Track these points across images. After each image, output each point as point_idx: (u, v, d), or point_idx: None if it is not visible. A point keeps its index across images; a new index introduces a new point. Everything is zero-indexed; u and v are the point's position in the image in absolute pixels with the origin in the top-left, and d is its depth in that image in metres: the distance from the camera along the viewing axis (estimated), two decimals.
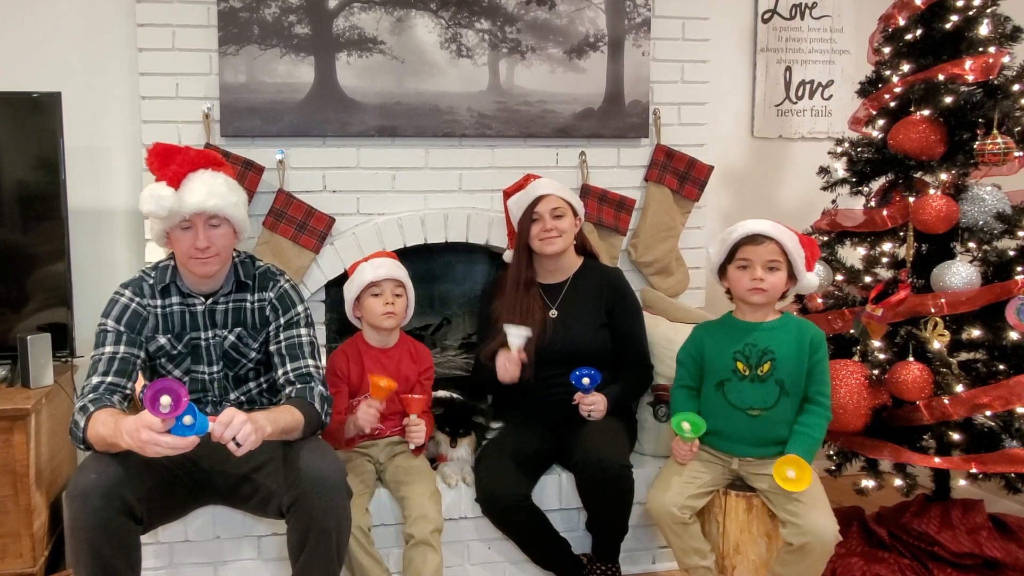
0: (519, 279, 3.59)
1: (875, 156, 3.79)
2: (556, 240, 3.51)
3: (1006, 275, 3.49)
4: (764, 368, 3.17)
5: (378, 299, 3.44)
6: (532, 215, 3.54)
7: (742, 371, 3.21)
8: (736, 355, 3.22)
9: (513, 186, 3.74)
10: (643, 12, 4.11)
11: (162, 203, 2.82)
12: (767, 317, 3.26)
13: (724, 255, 3.25)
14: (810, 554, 3.00)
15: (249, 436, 2.56)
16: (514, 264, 3.63)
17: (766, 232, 3.16)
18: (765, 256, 3.15)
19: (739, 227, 3.22)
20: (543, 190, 3.56)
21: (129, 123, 4.01)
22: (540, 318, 3.54)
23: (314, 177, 3.92)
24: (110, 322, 2.95)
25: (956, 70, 3.57)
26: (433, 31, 3.93)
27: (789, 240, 3.17)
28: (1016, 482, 3.55)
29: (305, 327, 3.12)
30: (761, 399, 3.18)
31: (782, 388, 3.17)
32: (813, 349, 3.19)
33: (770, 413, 3.18)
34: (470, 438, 3.57)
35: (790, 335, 3.20)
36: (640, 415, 3.79)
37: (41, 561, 3.47)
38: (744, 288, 3.19)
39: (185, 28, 3.76)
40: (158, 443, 2.45)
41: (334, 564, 2.84)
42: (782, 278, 3.18)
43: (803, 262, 3.20)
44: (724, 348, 3.26)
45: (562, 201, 3.55)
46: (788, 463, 3.01)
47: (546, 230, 3.51)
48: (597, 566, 3.45)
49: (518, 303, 3.55)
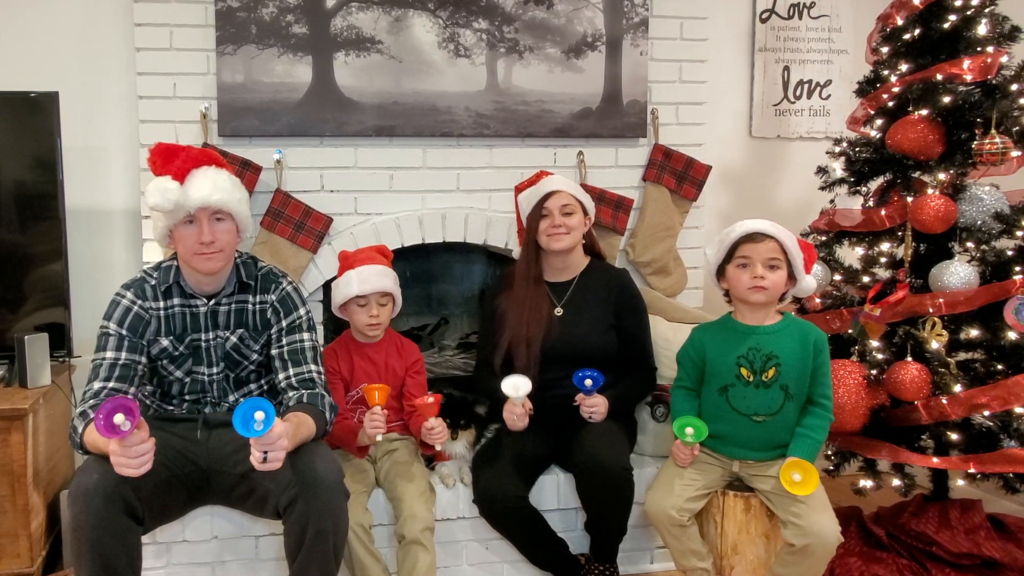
0: (527, 275, 3.58)
1: (873, 156, 3.79)
2: (564, 237, 3.50)
3: (1004, 275, 3.49)
4: (769, 374, 3.15)
5: (363, 311, 3.46)
6: (542, 211, 3.53)
7: (746, 377, 3.18)
8: (740, 360, 3.20)
9: (525, 182, 3.73)
10: (641, 12, 4.11)
11: (168, 196, 2.82)
12: (767, 320, 3.23)
13: (723, 255, 3.23)
14: (812, 555, 3.00)
15: (277, 462, 2.60)
16: (522, 260, 3.62)
17: (765, 230, 3.15)
18: (765, 254, 3.13)
19: (738, 226, 3.20)
20: (554, 186, 3.54)
21: (127, 123, 4.01)
22: (546, 316, 3.53)
23: (312, 177, 3.92)
24: (112, 325, 2.95)
25: (954, 70, 3.57)
26: (431, 31, 3.93)
27: (788, 239, 3.16)
28: (1014, 482, 3.55)
29: (307, 331, 3.11)
30: (766, 405, 3.16)
31: (787, 393, 3.15)
32: (816, 351, 3.18)
33: (775, 418, 3.16)
34: (470, 432, 3.56)
35: (793, 338, 3.18)
36: (639, 415, 3.78)
37: (39, 561, 3.47)
38: (744, 287, 3.16)
39: (183, 28, 3.75)
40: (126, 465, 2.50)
41: (331, 564, 2.83)
42: (782, 277, 3.16)
43: (802, 263, 3.19)
44: (726, 353, 3.23)
45: (572, 198, 3.54)
46: (794, 467, 3.00)
47: (555, 226, 3.49)
48: (595, 566, 3.44)
49: (526, 299, 3.54)
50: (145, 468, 2.52)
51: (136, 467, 2.50)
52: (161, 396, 3.10)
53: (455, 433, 3.51)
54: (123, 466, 2.50)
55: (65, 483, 3.74)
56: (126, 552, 2.67)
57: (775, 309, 3.28)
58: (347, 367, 3.51)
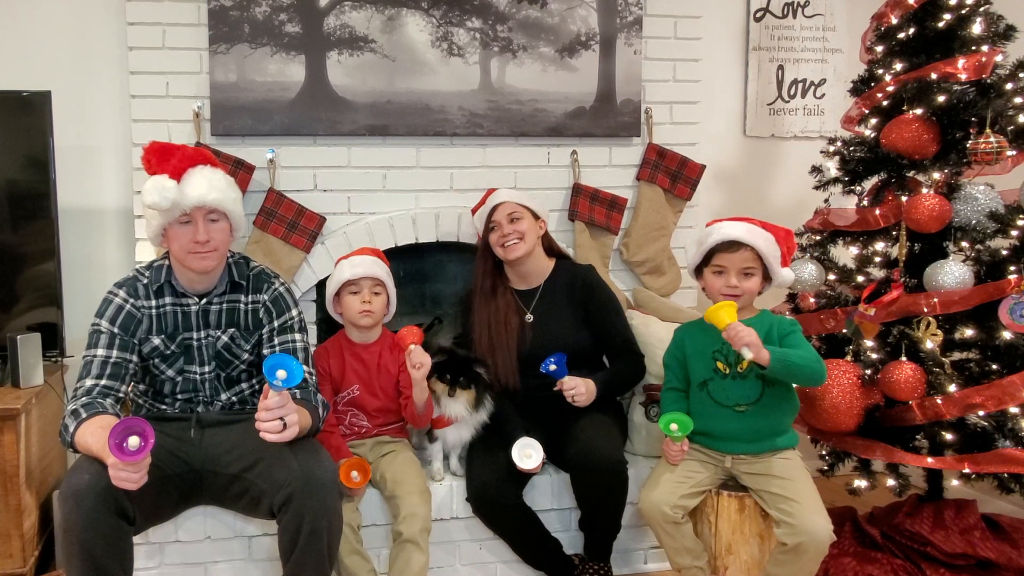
0: (482, 287, 3.66)
1: (868, 155, 3.79)
2: (518, 244, 3.54)
3: (999, 274, 3.49)
4: (743, 365, 3.18)
5: (356, 297, 3.45)
6: (490, 224, 3.59)
7: (723, 370, 3.22)
8: (715, 354, 3.24)
9: (478, 203, 3.79)
10: (635, 10, 4.10)
11: (166, 194, 2.83)
12: (744, 315, 3.24)
13: (699, 259, 3.27)
14: (804, 554, 3.00)
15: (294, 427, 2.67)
16: (477, 274, 3.70)
17: (741, 238, 3.16)
18: (739, 264, 3.17)
19: (714, 231, 3.22)
20: (498, 199, 3.61)
21: (119, 122, 4.01)
22: (517, 324, 3.60)
23: (305, 176, 3.91)
24: (104, 323, 2.95)
25: (949, 69, 3.56)
26: (424, 30, 3.92)
27: (764, 244, 3.17)
28: (1009, 482, 3.54)
29: (299, 332, 3.12)
30: (745, 395, 3.19)
31: (764, 381, 3.17)
32: (782, 334, 3.19)
33: (757, 407, 3.18)
34: (470, 392, 3.47)
35: (762, 329, 3.17)
36: (632, 415, 3.78)
37: (31, 561, 3.46)
38: (719, 293, 3.21)
39: (175, 27, 3.75)
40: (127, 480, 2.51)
41: (325, 564, 2.83)
42: (757, 282, 3.20)
43: (778, 261, 3.21)
44: (704, 348, 3.27)
45: (518, 205, 3.58)
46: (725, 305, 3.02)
47: (504, 235, 3.54)
48: (589, 566, 3.44)
49: (493, 313, 3.61)
50: (143, 483, 2.53)
51: (135, 483, 2.51)
52: (153, 395, 3.10)
53: (452, 390, 3.44)
54: (123, 480, 2.49)
55: (58, 483, 3.73)
56: (117, 553, 2.66)
57: (752, 305, 3.29)
58: (338, 367, 3.50)
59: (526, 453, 3.29)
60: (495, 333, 3.56)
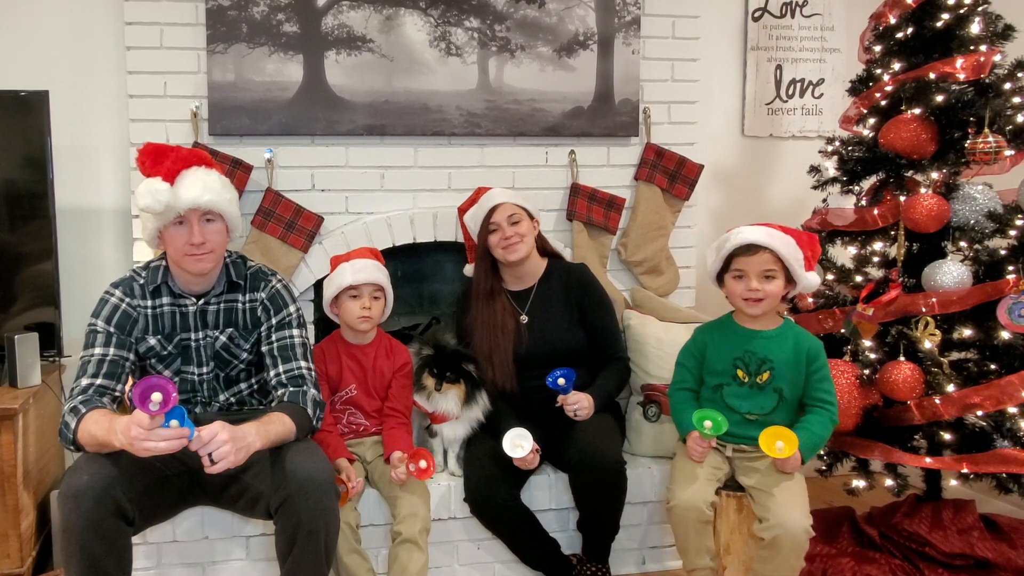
0: (480, 290, 3.63)
1: (866, 155, 3.79)
2: (519, 246, 3.53)
3: (997, 274, 3.49)
4: (763, 377, 3.17)
5: (356, 302, 3.44)
6: (489, 226, 3.56)
7: (742, 378, 3.21)
8: (736, 361, 3.22)
9: (466, 202, 3.78)
10: (633, 10, 4.10)
11: (159, 197, 2.81)
12: (768, 324, 3.25)
13: (720, 264, 3.25)
14: (781, 548, 2.98)
15: (227, 456, 2.57)
16: (476, 276, 3.67)
17: (760, 241, 3.13)
18: (760, 266, 3.14)
19: (733, 236, 3.20)
20: (497, 199, 3.58)
21: (117, 122, 4.00)
22: (512, 326, 3.59)
23: (303, 176, 3.90)
24: (100, 323, 2.95)
25: (947, 68, 3.56)
26: (422, 29, 3.92)
27: (784, 247, 3.14)
28: (1007, 482, 3.55)
29: (297, 328, 3.11)
30: (759, 405, 3.18)
31: (780, 396, 3.17)
32: (811, 359, 3.18)
33: (768, 418, 3.18)
34: (459, 387, 3.46)
35: (787, 344, 3.19)
36: (629, 415, 3.78)
37: (29, 561, 3.46)
38: (740, 298, 3.18)
39: (173, 26, 3.74)
40: (148, 439, 2.46)
41: (322, 565, 2.83)
42: (779, 285, 3.16)
43: (800, 265, 3.16)
44: (725, 352, 3.25)
45: (516, 207, 3.57)
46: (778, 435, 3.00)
47: (506, 237, 3.52)
48: (587, 566, 3.44)
49: (490, 315, 3.59)
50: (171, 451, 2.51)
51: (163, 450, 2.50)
52: None
53: (439, 384, 3.43)
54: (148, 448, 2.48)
55: (55, 483, 3.73)
56: (116, 553, 2.66)
57: (776, 312, 3.28)
58: (335, 367, 3.50)
59: (517, 443, 3.27)
60: (493, 336, 3.56)
